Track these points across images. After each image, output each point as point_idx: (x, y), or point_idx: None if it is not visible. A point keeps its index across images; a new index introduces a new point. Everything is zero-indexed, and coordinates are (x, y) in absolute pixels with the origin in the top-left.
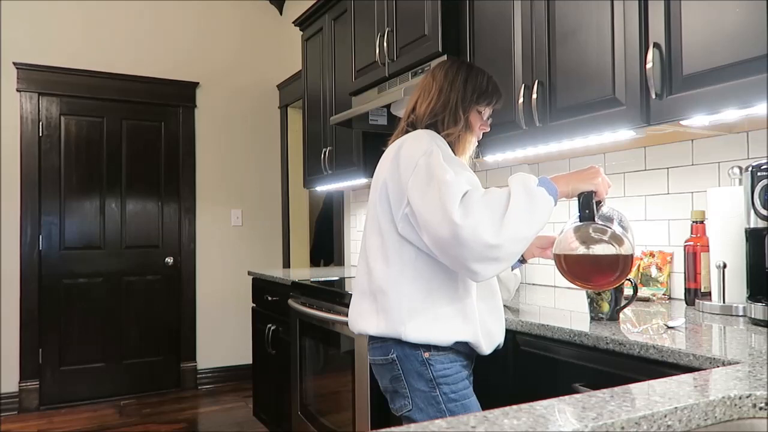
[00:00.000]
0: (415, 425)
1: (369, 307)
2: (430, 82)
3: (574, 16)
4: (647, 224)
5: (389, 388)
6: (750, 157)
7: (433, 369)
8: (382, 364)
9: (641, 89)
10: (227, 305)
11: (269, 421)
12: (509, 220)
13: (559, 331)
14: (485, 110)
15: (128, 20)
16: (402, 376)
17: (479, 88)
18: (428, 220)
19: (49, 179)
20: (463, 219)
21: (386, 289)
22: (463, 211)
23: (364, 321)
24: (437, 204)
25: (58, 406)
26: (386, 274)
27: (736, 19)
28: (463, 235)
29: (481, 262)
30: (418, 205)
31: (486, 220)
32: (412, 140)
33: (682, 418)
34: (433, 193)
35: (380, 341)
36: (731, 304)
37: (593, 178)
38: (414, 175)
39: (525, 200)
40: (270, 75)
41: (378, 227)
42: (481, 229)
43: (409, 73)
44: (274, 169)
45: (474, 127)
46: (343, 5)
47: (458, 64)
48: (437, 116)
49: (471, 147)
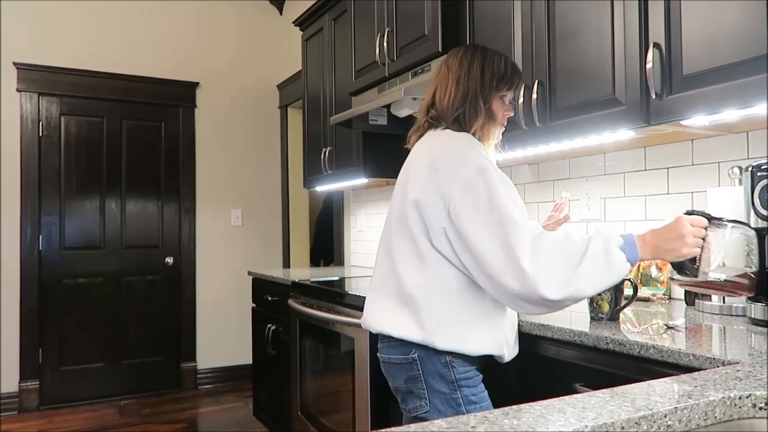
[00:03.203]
0: (415, 425)
1: (395, 309)
2: (446, 73)
3: (574, 16)
4: (647, 224)
5: (402, 388)
6: (750, 157)
7: (455, 371)
8: (398, 363)
9: (641, 89)
10: (227, 305)
11: (269, 421)
12: (577, 278)
13: (560, 331)
14: (507, 95)
15: (128, 20)
16: (421, 377)
17: (498, 73)
18: (491, 260)
19: (49, 179)
20: (532, 266)
21: (418, 297)
22: (532, 257)
23: (388, 322)
24: (503, 246)
25: (58, 406)
26: (418, 283)
27: (736, 19)
28: (527, 282)
29: (530, 306)
30: (476, 238)
31: (553, 275)
32: (458, 149)
33: (682, 418)
34: (498, 230)
35: (399, 341)
36: (731, 304)
37: (682, 246)
38: (465, 195)
39: (600, 264)
40: (270, 75)
41: (408, 232)
42: (544, 281)
43: (409, 73)
44: (274, 169)
45: (497, 115)
46: (343, 5)
47: (472, 50)
48: (459, 109)
49: (495, 137)
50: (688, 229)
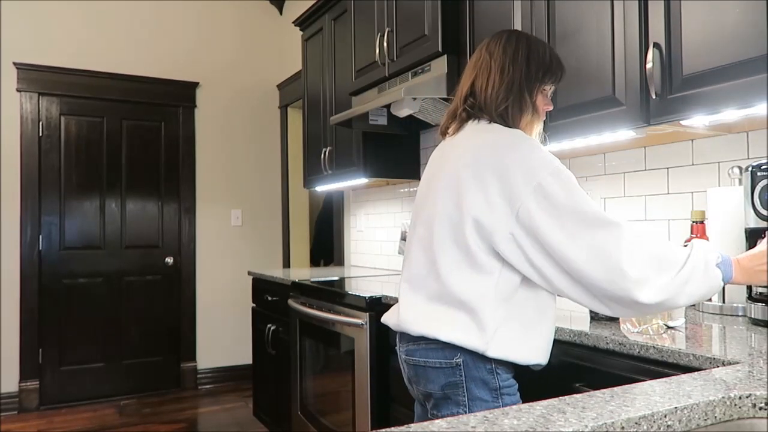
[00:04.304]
0: (415, 425)
1: (445, 312)
2: (488, 60)
3: (574, 16)
4: (647, 224)
5: (438, 394)
6: (750, 157)
7: (500, 378)
8: (438, 368)
9: (641, 89)
10: (227, 305)
11: (269, 421)
12: (674, 286)
13: (559, 331)
14: (550, 88)
15: (128, 20)
16: (463, 383)
17: (543, 65)
18: (582, 264)
19: (49, 179)
20: (632, 269)
21: (471, 301)
22: (630, 260)
23: (434, 324)
24: (598, 249)
25: (58, 406)
26: (470, 288)
27: (736, 19)
28: (623, 284)
29: (620, 308)
30: (560, 245)
31: (652, 277)
32: (519, 147)
33: (682, 418)
34: (586, 233)
35: (442, 344)
36: (731, 304)
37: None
38: (537, 196)
39: (700, 276)
40: (270, 75)
41: (453, 236)
42: (639, 286)
43: (409, 73)
44: (274, 169)
45: (540, 110)
46: (343, 5)
47: (516, 37)
48: (503, 102)
49: (538, 130)
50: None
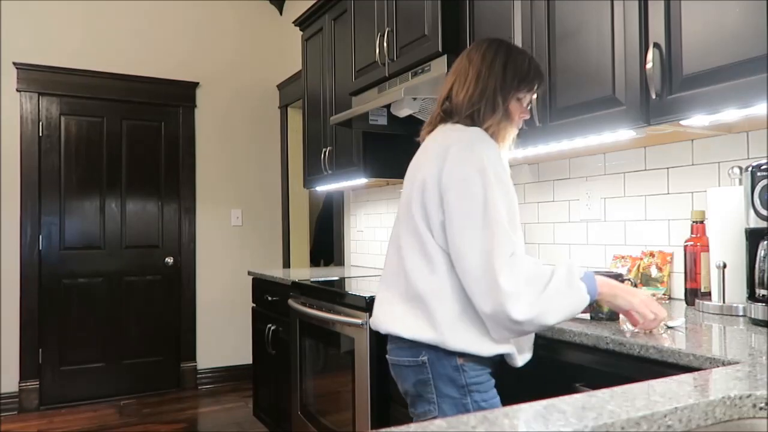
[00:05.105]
0: (415, 425)
1: (405, 310)
2: (466, 66)
3: (574, 16)
4: (647, 224)
5: (412, 392)
6: (750, 157)
7: (466, 375)
8: (408, 366)
9: (641, 89)
10: (227, 305)
11: (269, 421)
12: (542, 301)
13: (559, 331)
14: (526, 96)
15: (128, 20)
16: (431, 381)
17: (520, 73)
18: (469, 260)
19: (49, 179)
20: (506, 283)
21: (428, 296)
22: (508, 274)
23: (399, 323)
24: (484, 252)
25: (58, 406)
26: (428, 281)
27: (736, 19)
28: (498, 298)
29: (495, 324)
30: (459, 234)
31: (522, 293)
32: (465, 144)
33: (682, 418)
34: (484, 235)
35: (409, 342)
36: (731, 304)
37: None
38: (460, 188)
39: (564, 289)
40: (270, 75)
41: (415, 228)
42: (512, 301)
43: (409, 73)
44: (274, 169)
45: (514, 116)
46: (343, 5)
47: (496, 45)
48: (474, 105)
49: (511, 137)
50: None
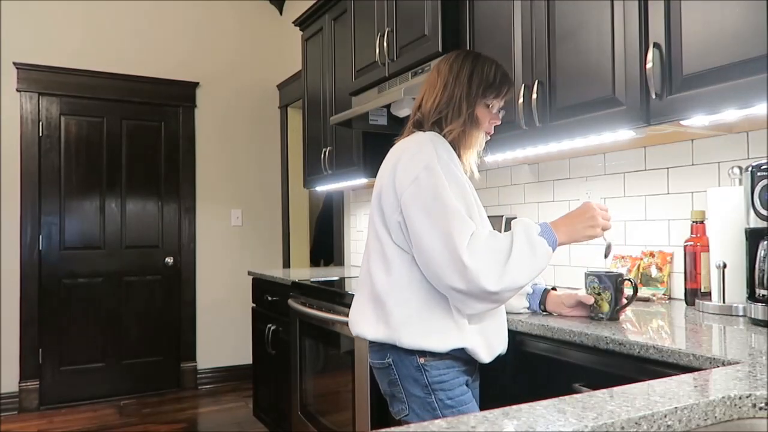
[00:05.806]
0: (415, 425)
1: (369, 311)
2: (435, 77)
3: (574, 16)
4: (647, 224)
5: (387, 392)
6: (750, 157)
7: (428, 375)
8: (379, 368)
9: (641, 89)
10: (227, 305)
11: (269, 421)
12: (510, 269)
13: (559, 331)
14: (494, 103)
15: (128, 20)
16: (398, 381)
17: (486, 81)
18: (431, 248)
19: (49, 179)
20: (471, 261)
21: (385, 295)
22: (470, 253)
23: (364, 325)
24: (444, 236)
25: (58, 406)
26: (385, 281)
27: (736, 19)
28: (467, 276)
29: (475, 302)
30: (419, 226)
31: (490, 267)
32: (414, 148)
33: (682, 418)
34: (441, 222)
35: (378, 345)
36: (731, 304)
37: (591, 221)
38: (413, 187)
39: (527, 251)
40: (270, 75)
41: (376, 233)
42: (484, 275)
43: (409, 73)
44: (274, 169)
45: (482, 121)
46: (343, 5)
47: (463, 56)
48: (441, 113)
49: (479, 142)
50: (597, 211)
